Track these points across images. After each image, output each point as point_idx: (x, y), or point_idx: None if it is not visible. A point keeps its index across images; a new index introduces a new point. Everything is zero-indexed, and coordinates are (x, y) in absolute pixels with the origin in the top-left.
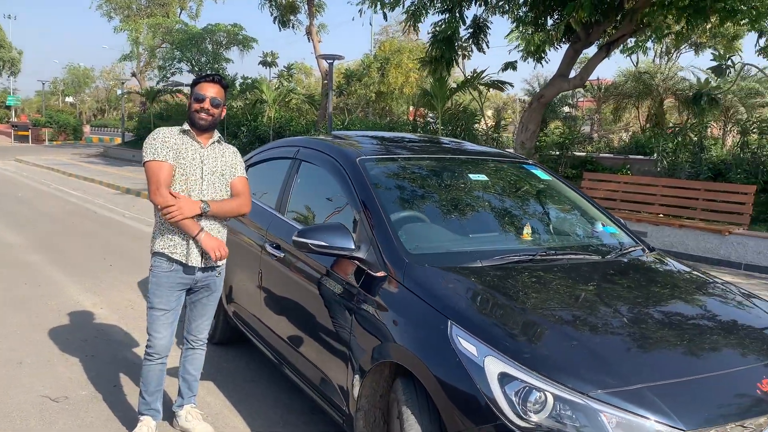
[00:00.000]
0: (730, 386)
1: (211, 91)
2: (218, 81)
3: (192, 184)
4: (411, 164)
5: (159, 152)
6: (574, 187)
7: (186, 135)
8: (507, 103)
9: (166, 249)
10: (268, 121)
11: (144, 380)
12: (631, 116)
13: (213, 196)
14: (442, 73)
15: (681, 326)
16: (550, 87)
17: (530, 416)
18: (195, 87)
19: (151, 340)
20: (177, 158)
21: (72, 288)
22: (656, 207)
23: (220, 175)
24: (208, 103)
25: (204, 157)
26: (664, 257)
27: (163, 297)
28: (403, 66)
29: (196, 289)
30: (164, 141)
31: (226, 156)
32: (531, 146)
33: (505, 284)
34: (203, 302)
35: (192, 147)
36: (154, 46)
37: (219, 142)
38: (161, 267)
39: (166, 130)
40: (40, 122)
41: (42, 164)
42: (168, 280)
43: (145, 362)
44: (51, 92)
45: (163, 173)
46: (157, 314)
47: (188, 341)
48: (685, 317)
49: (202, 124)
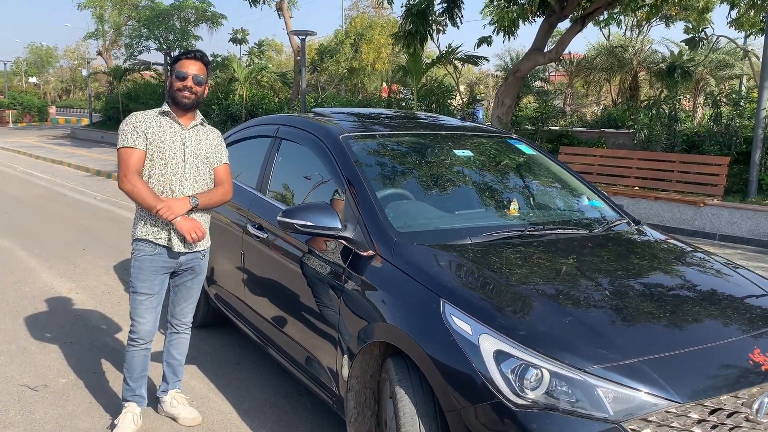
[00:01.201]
0: (722, 358)
1: (193, 68)
2: (200, 58)
3: (173, 168)
4: (395, 141)
5: (129, 138)
6: (558, 161)
7: (166, 117)
8: (480, 78)
9: (149, 235)
10: (240, 99)
11: (128, 366)
12: (603, 90)
13: (196, 180)
14: (416, 48)
15: (675, 300)
16: (526, 61)
17: (527, 393)
18: (176, 64)
19: (134, 326)
20: (154, 142)
21: (46, 273)
22: (632, 180)
23: (204, 159)
24: (190, 80)
25: (186, 140)
26: (649, 230)
27: (146, 281)
28: (375, 42)
29: (179, 272)
30: (135, 126)
31: (210, 139)
32: (507, 121)
33: (497, 261)
34: (187, 285)
35: (172, 129)
36: (119, 23)
37: (202, 124)
38: (144, 251)
39: (140, 115)
40: (3, 104)
41: (7, 147)
42: (151, 264)
43: (129, 348)
44: (13, 72)
45: (132, 159)
46: (140, 299)
47: (172, 325)
48: (678, 291)
49: (186, 103)
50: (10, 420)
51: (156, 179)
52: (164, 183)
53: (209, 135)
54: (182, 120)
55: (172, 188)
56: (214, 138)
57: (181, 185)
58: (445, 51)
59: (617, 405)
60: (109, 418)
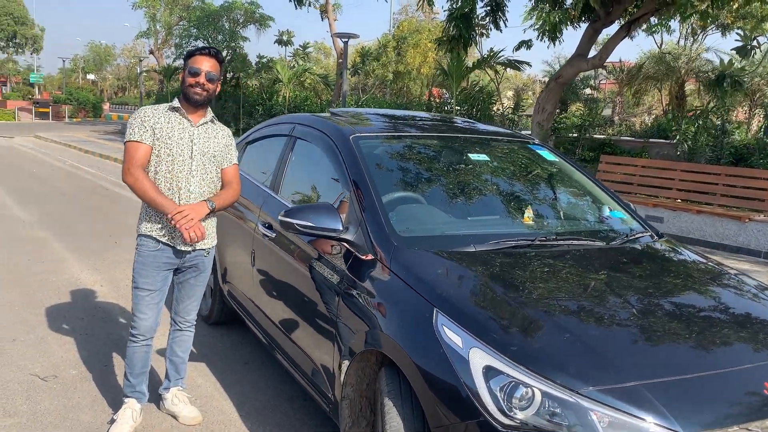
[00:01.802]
0: (736, 385)
1: (206, 64)
2: (214, 54)
3: (180, 165)
4: (409, 142)
5: (136, 132)
6: (582, 169)
7: (175, 113)
8: (527, 84)
9: (153, 232)
10: (283, 100)
11: (129, 362)
12: (654, 99)
13: (202, 178)
14: (459, 52)
15: (687, 319)
16: (568, 67)
17: (515, 413)
18: (189, 60)
19: (135, 321)
20: (162, 138)
21: (75, 265)
22: (674, 192)
23: (212, 157)
24: (203, 77)
25: (194, 137)
26: (674, 244)
27: (148, 277)
28: (422, 46)
29: (183, 269)
30: (143, 121)
31: (219, 137)
32: (548, 127)
33: (498, 271)
34: (191, 283)
35: (180, 125)
36: (171, 23)
37: (212, 122)
38: (147, 246)
39: (149, 109)
40: (60, 99)
41: (60, 141)
42: (154, 260)
43: (130, 344)
44: (72, 69)
45: (137, 153)
46: (141, 294)
47: (176, 323)
48: (693, 309)
49: (197, 99)
50: (15, 409)
51: (162, 176)
52: (170, 180)
53: (218, 133)
54: (192, 117)
55: (178, 185)
56: (224, 137)
57: (188, 183)
58: (486, 55)
59: (612, 431)
60: (111, 412)
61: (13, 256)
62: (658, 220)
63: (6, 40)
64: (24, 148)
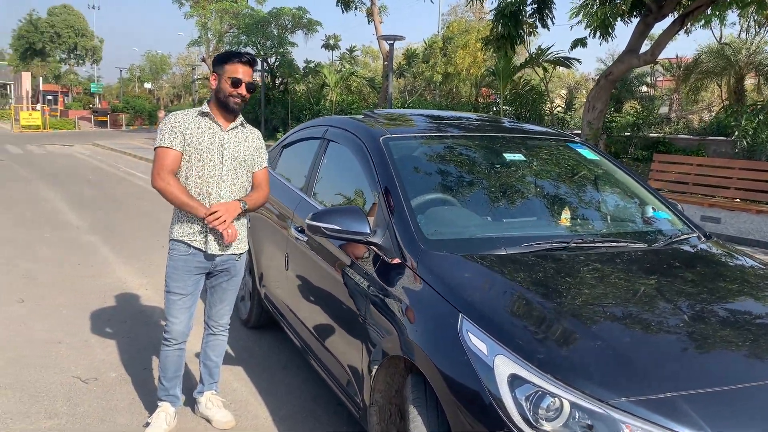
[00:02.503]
0: None
1: (246, 74)
2: (252, 62)
3: (210, 170)
4: (441, 143)
5: (166, 138)
6: (625, 168)
7: (205, 118)
8: (580, 82)
9: (185, 237)
10: (330, 104)
11: (162, 366)
12: (713, 95)
13: (233, 183)
14: (507, 52)
15: (732, 326)
16: (619, 63)
17: (542, 424)
18: (226, 65)
19: (168, 326)
20: (192, 143)
21: (121, 269)
22: (732, 191)
23: (242, 162)
24: (244, 88)
25: (224, 141)
26: (722, 245)
27: (180, 281)
28: (471, 46)
29: (215, 273)
30: (173, 127)
31: (249, 141)
32: (598, 126)
33: (529, 275)
34: (223, 287)
35: (210, 130)
36: (221, 31)
37: (242, 126)
38: (179, 251)
39: (179, 115)
40: (117, 108)
41: (116, 148)
42: (186, 264)
43: (163, 348)
44: (129, 79)
45: (167, 159)
46: (174, 299)
47: (209, 326)
48: (738, 316)
49: (236, 109)
50: (56, 411)
51: (193, 181)
52: (201, 185)
53: (248, 137)
54: (222, 121)
55: (209, 191)
56: (254, 140)
57: (219, 188)
58: (535, 53)
59: None
60: (147, 415)
61: (64, 259)
62: (714, 220)
63: (68, 51)
64: (82, 156)
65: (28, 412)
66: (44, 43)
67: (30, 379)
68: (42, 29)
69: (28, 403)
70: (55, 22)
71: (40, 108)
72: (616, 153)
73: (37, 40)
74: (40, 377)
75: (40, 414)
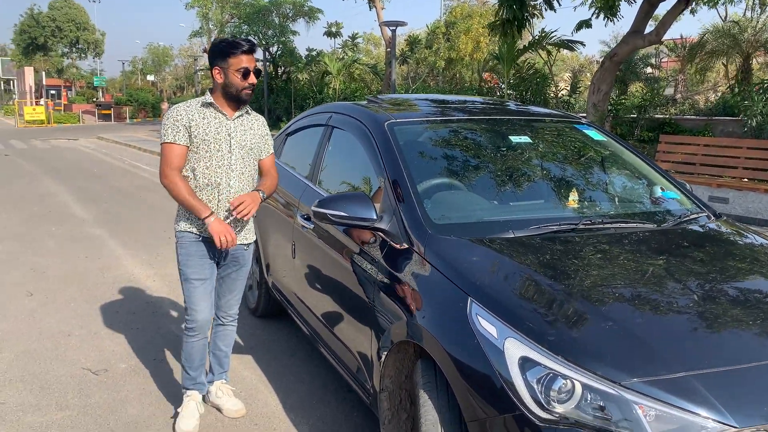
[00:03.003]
0: None
1: (251, 62)
2: (252, 47)
3: (218, 161)
4: (447, 127)
5: (169, 133)
6: (632, 149)
7: (209, 108)
8: (584, 65)
9: (194, 228)
10: (333, 92)
11: (187, 357)
12: (719, 75)
13: (242, 172)
14: (513, 36)
15: (743, 305)
16: (623, 45)
17: (554, 407)
18: (230, 58)
19: (191, 314)
20: (199, 135)
21: (129, 261)
22: (740, 171)
23: (249, 150)
24: (253, 77)
25: (231, 131)
26: (732, 224)
27: (196, 266)
28: (473, 31)
29: (224, 263)
30: (176, 121)
31: (255, 128)
32: (604, 108)
33: (537, 257)
34: (232, 277)
35: (216, 120)
36: (223, 21)
37: (248, 113)
38: (188, 238)
39: (182, 107)
40: (121, 101)
41: (120, 141)
42: (198, 249)
43: (188, 338)
44: (131, 72)
45: (172, 156)
46: (194, 286)
47: (218, 318)
48: (749, 294)
49: (248, 100)
50: (67, 403)
51: (201, 172)
52: (209, 176)
53: (254, 124)
54: (227, 111)
55: (218, 181)
56: (259, 127)
57: (228, 177)
58: (538, 36)
59: (659, 425)
60: (158, 404)
61: (72, 253)
62: (722, 200)
63: (70, 45)
64: (86, 149)
65: (39, 404)
66: (46, 38)
67: (40, 372)
68: (43, 23)
69: (39, 396)
70: (56, 16)
71: (44, 103)
72: (623, 135)
73: (38, 34)
74: (51, 369)
75: (51, 406)
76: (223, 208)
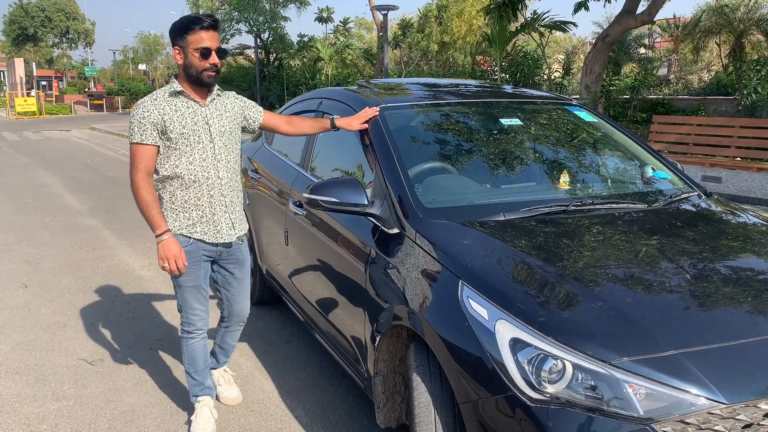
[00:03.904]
0: None
1: (213, 40)
2: (215, 25)
3: (201, 153)
4: (438, 111)
5: (136, 133)
6: (624, 129)
7: (179, 97)
8: (577, 47)
9: (183, 229)
10: (326, 78)
11: (190, 360)
12: (713, 55)
13: (228, 160)
14: (509, 18)
15: (733, 282)
16: (615, 25)
17: (545, 387)
18: (189, 35)
19: (189, 319)
20: (175, 129)
21: (123, 251)
22: (732, 150)
23: (230, 135)
24: (215, 57)
25: (209, 118)
26: (723, 202)
27: (191, 274)
28: (466, 14)
29: (222, 263)
30: (142, 118)
31: (228, 108)
32: (597, 89)
33: (528, 239)
34: (237, 277)
35: (190, 109)
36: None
37: (219, 95)
38: (180, 242)
39: (148, 101)
40: (113, 91)
41: (113, 131)
42: (190, 255)
43: (187, 341)
44: (123, 61)
45: (139, 156)
46: (189, 291)
47: (232, 323)
48: (739, 272)
49: (212, 82)
50: (63, 393)
51: (185, 168)
52: (194, 171)
53: (227, 104)
54: (198, 97)
55: (205, 175)
56: (233, 104)
57: (216, 169)
58: (530, 18)
59: (649, 403)
60: (152, 394)
61: (67, 243)
62: (715, 180)
63: (60, 36)
64: (79, 140)
65: (36, 395)
66: (36, 28)
67: (37, 363)
68: (33, 13)
69: (36, 386)
70: (45, 6)
71: (35, 94)
72: (616, 116)
73: (28, 25)
74: (47, 360)
75: (48, 396)
76: (219, 204)
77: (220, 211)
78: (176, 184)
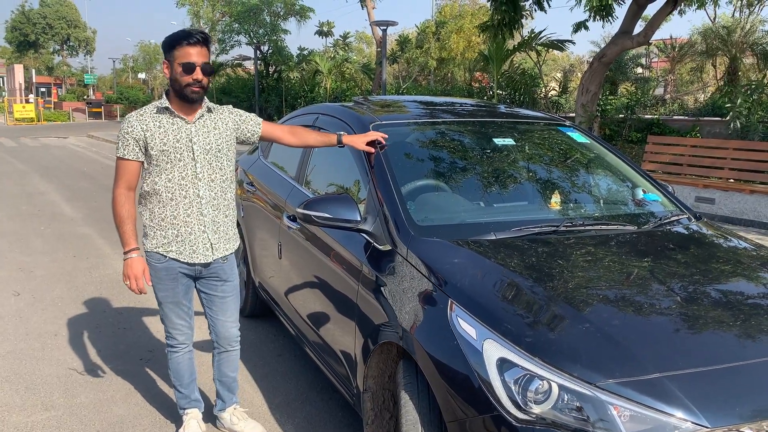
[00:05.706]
0: None
1: (199, 56)
2: (204, 41)
3: (181, 172)
4: (432, 129)
5: (120, 148)
6: (615, 151)
7: (165, 114)
8: (574, 65)
9: (160, 248)
10: (324, 92)
11: (176, 374)
12: (709, 76)
13: (211, 179)
14: (505, 37)
15: (720, 306)
16: (612, 45)
17: (531, 407)
18: (176, 50)
19: (171, 333)
20: (156, 146)
21: (117, 260)
22: (726, 171)
23: (217, 153)
24: (199, 72)
25: (193, 135)
26: (712, 225)
27: (168, 291)
28: (465, 30)
29: (204, 282)
30: (127, 133)
31: (219, 125)
32: (592, 109)
33: (518, 259)
34: (219, 296)
35: (174, 126)
36: (214, 19)
37: (210, 111)
38: (155, 258)
39: (134, 117)
40: (112, 99)
41: (111, 140)
42: (168, 272)
43: (172, 355)
44: (122, 70)
45: (122, 171)
46: (169, 307)
47: (219, 345)
48: (726, 295)
49: (195, 98)
50: (53, 403)
51: (163, 186)
52: (172, 190)
53: (217, 120)
54: (185, 114)
55: (184, 194)
56: (226, 120)
57: (196, 188)
58: (528, 37)
59: (633, 425)
60: (142, 406)
61: (60, 252)
62: (708, 201)
63: (60, 43)
64: (76, 148)
65: (25, 405)
66: (37, 35)
67: (26, 372)
68: (34, 20)
69: (25, 396)
70: (47, 14)
71: (34, 100)
72: (611, 135)
73: (30, 31)
74: (37, 369)
75: (37, 406)
76: (198, 223)
77: (197, 231)
78: (155, 201)
